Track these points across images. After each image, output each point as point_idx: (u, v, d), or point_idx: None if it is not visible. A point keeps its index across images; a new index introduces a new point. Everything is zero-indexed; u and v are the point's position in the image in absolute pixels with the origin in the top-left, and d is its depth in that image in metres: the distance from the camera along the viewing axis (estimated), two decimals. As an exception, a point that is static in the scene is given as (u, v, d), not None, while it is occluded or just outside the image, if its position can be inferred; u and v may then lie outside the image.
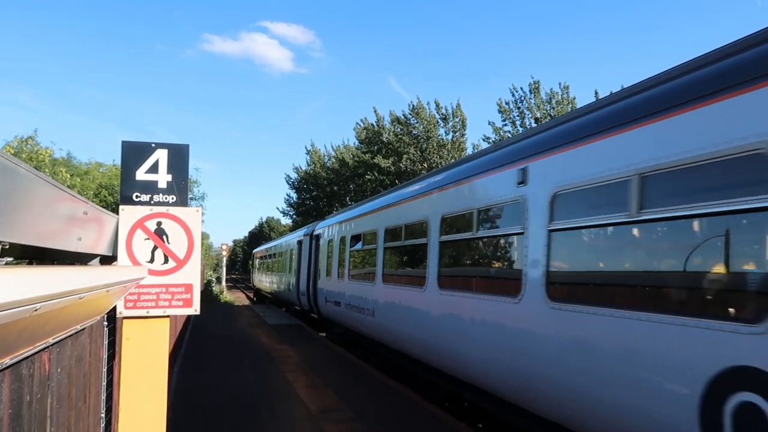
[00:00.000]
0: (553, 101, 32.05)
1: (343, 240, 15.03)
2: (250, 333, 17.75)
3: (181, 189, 3.55)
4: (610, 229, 5.08)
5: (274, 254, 31.84)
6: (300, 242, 21.82)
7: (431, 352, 8.66)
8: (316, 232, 19.12)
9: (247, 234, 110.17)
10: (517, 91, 33.14)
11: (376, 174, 40.87)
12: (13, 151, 33.27)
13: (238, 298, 47.44)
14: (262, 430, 7.28)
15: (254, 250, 52.10)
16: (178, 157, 3.57)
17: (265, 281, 36.16)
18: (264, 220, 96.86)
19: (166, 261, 3.51)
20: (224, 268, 55.98)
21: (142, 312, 3.44)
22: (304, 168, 59.90)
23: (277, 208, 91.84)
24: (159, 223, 3.50)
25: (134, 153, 3.52)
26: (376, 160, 40.11)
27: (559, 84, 32.96)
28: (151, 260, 3.48)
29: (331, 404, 8.70)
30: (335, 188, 51.80)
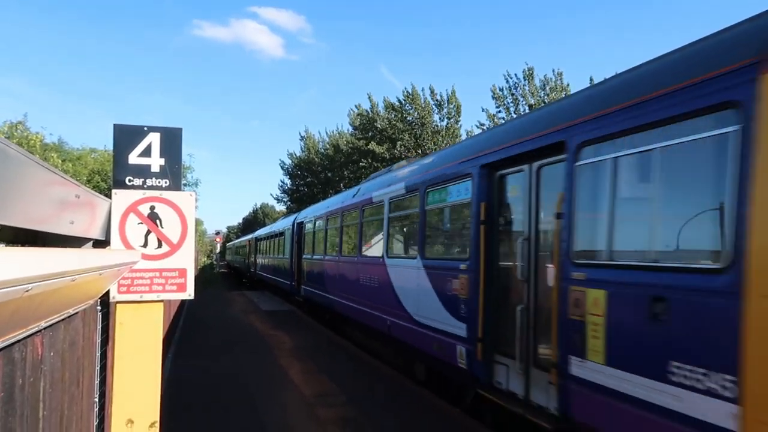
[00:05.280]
0: (547, 87, 32.01)
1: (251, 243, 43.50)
2: (244, 319, 17.77)
3: (174, 173, 3.51)
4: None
5: (233, 247, 64.98)
6: (234, 245, 60.94)
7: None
8: (236, 242, 61.02)
9: (241, 221, 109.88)
10: (511, 78, 33.03)
11: (371, 161, 40.75)
12: (3, 137, 32.71)
13: (229, 279, 51.53)
14: (257, 417, 7.30)
15: (227, 244, 79.06)
16: (171, 140, 3.52)
17: (229, 258, 68.25)
18: (258, 206, 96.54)
19: (159, 245, 3.48)
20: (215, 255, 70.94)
21: (136, 297, 3.42)
22: (298, 154, 59.59)
23: (271, 195, 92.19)
24: (152, 207, 3.47)
25: (126, 136, 3.47)
26: (370, 147, 39.93)
27: (553, 70, 32.88)
28: (145, 244, 3.45)
29: (324, 389, 8.74)
30: (330, 174, 51.65)
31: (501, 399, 6.53)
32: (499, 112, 33.87)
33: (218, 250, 70.16)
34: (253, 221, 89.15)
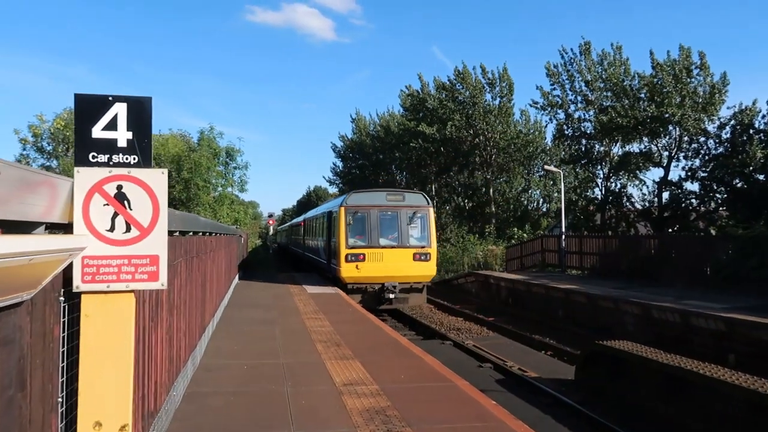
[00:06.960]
0: (605, 62, 30.32)
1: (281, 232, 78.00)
2: (287, 300, 17.71)
3: (143, 148, 3.12)
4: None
5: (281, 230, 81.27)
6: (281, 229, 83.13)
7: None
8: (282, 227, 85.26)
9: (295, 203, 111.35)
10: (566, 53, 31.54)
11: (421, 141, 40.02)
12: (63, 123, 34.02)
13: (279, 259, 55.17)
14: (283, 402, 7.03)
15: (278, 228, 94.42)
16: (140, 111, 3.12)
17: (278, 240, 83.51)
18: (312, 189, 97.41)
19: (128, 229, 3.12)
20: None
21: (102, 287, 3.06)
22: (349, 136, 59.28)
23: (324, 177, 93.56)
24: (119, 187, 3.09)
25: (89, 107, 3.09)
26: (420, 128, 39.14)
27: (612, 44, 31.14)
28: (112, 228, 3.09)
29: (357, 378, 8.40)
30: (381, 156, 51.20)
31: (331, 274, 22.40)
32: (554, 89, 32.50)
33: (271, 232, 79.36)
34: (306, 204, 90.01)
